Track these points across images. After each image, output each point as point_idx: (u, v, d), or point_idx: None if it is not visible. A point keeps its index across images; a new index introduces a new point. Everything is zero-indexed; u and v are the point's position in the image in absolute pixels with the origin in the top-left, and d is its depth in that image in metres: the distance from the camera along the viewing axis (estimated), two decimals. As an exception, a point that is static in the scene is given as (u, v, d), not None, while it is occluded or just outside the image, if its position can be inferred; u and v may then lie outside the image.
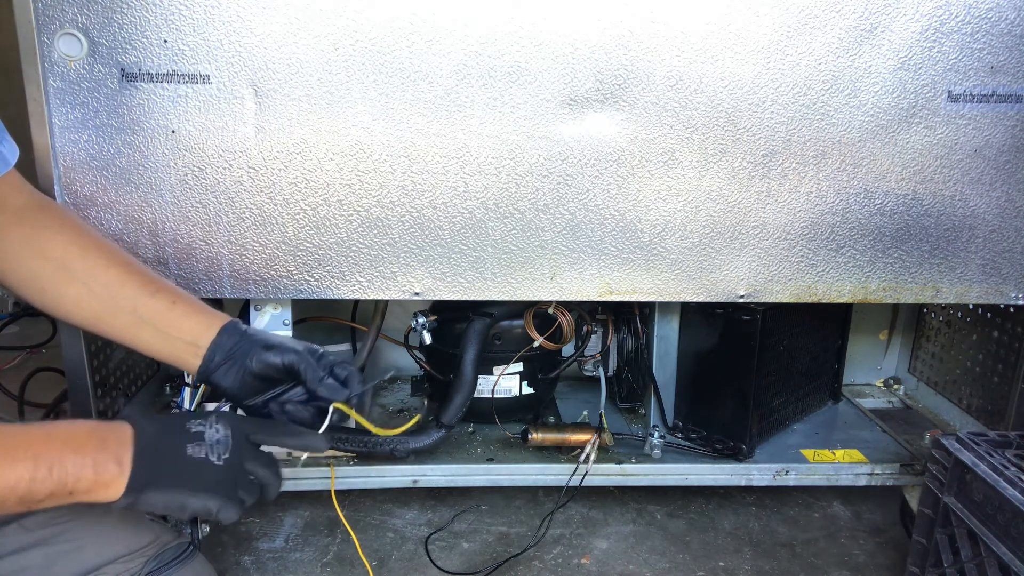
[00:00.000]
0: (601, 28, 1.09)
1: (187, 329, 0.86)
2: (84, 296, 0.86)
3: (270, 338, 0.88)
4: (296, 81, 1.08)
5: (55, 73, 1.05)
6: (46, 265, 0.86)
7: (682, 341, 1.48)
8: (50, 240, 0.86)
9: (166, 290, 0.88)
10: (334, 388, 0.85)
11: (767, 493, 1.63)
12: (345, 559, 1.39)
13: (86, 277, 0.86)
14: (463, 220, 1.16)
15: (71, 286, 0.86)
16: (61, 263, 0.86)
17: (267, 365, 0.85)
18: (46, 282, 0.86)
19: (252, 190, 1.12)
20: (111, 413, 1.36)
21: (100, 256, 0.88)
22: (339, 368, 0.88)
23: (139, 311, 0.86)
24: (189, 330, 0.86)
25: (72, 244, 0.87)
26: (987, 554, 1.05)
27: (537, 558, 1.40)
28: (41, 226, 0.87)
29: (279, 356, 0.85)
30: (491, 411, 1.48)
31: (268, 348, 0.85)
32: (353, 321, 1.60)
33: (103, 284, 0.86)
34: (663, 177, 1.17)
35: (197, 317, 0.87)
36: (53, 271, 0.86)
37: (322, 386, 0.84)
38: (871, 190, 1.19)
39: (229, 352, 0.85)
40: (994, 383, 1.49)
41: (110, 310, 0.87)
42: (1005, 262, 1.24)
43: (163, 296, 0.87)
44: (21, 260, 0.86)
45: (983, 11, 1.11)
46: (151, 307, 0.86)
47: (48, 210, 0.90)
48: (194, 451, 0.73)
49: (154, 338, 0.87)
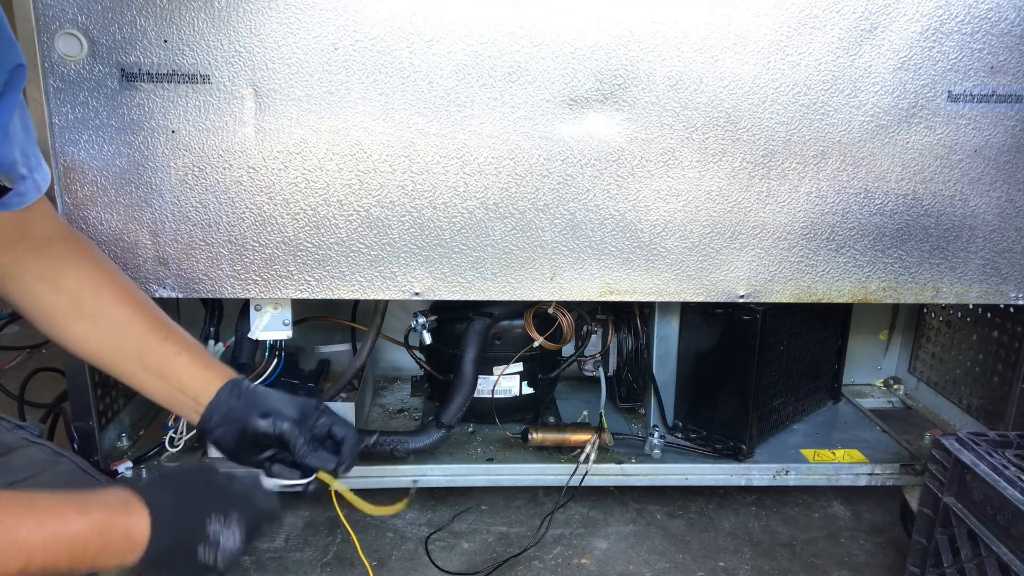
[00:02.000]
0: (601, 28, 1.09)
1: (189, 384, 0.87)
2: (92, 334, 0.87)
3: (267, 402, 0.88)
4: (296, 81, 1.08)
5: (55, 73, 1.05)
6: (58, 297, 0.86)
7: (682, 341, 1.48)
8: (65, 273, 0.87)
9: (174, 338, 0.89)
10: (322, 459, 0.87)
11: (767, 493, 1.63)
12: (345, 559, 1.39)
13: (96, 315, 0.87)
14: (463, 220, 1.16)
15: (80, 323, 0.86)
16: (73, 298, 0.86)
17: (259, 433, 0.86)
18: (56, 314, 0.86)
19: (252, 190, 1.12)
20: (111, 413, 1.36)
21: (113, 295, 0.88)
22: (338, 428, 0.89)
23: (145, 358, 0.87)
24: (191, 385, 0.87)
25: (87, 280, 0.87)
26: (987, 554, 1.05)
27: (537, 558, 1.40)
28: (59, 257, 0.87)
29: (271, 425, 0.85)
30: (491, 411, 1.48)
31: (263, 416, 0.86)
32: (353, 321, 1.60)
33: (112, 324, 0.87)
34: (663, 177, 1.17)
35: (200, 372, 0.88)
36: (65, 305, 0.86)
37: (311, 458, 0.86)
38: (871, 190, 1.19)
39: (226, 415, 0.86)
40: (994, 383, 1.49)
41: (115, 352, 0.87)
42: (1005, 262, 1.24)
43: (170, 345, 0.88)
44: (34, 290, 0.86)
45: (983, 11, 1.11)
46: (157, 355, 0.87)
47: (69, 240, 0.90)
48: (205, 555, 0.74)
49: (156, 386, 0.88)
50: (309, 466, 0.87)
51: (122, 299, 0.88)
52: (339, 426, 0.90)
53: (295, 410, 0.88)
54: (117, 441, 1.38)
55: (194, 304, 1.40)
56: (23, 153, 0.82)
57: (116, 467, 1.29)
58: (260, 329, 1.28)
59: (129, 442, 1.39)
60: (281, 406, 0.87)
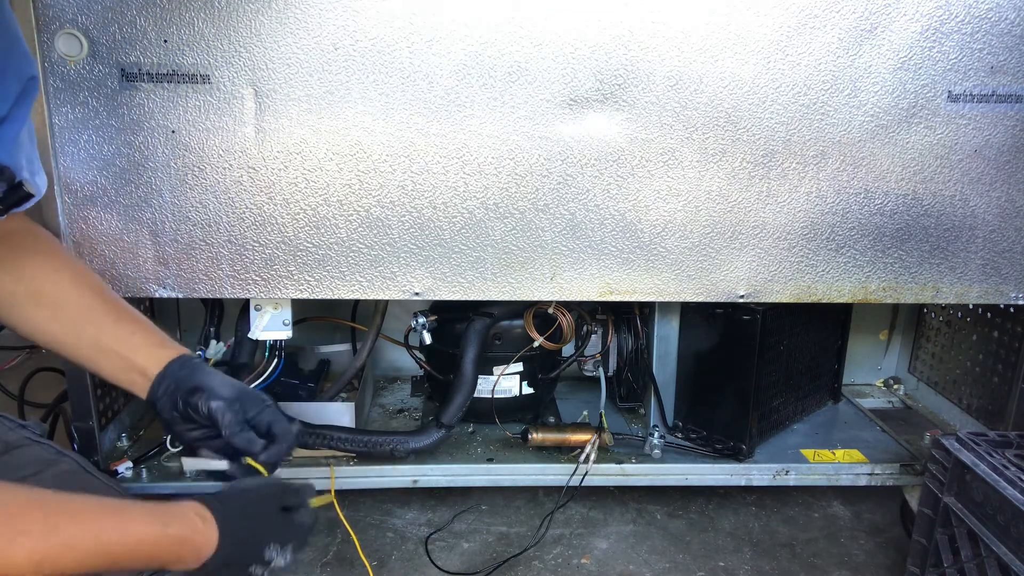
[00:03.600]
0: (601, 28, 1.09)
1: (142, 362, 0.90)
2: (50, 321, 0.89)
3: (206, 379, 0.90)
4: (296, 81, 1.08)
5: (55, 73, 1.05)
6: (19, 285, 0.89)
7: (682, 341, 1.48)
8: (26, 263, 0.89)
9: (128, 319, 0.92)
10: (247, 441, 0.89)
11: (767, 493, 1.63)
12: (345, 559, 1.39)
13: (55, 303, 0.89)
14: (463, 220, 1.16)
15: (39, 309, 0.89)
16: (32, 285, 0.89)
17: (191, 406, 0.88)
18: (16, 301, 0.89)
19: (252, 190, 1.12)
20: (111, 413, 1.36)
21: (69, 280, 0.91)
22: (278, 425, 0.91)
23: (101, 340, 0.89)
24: (144, 363, 0.89)
25: (46, 267, 0.90)
26: (987, 554, 1.05)
27: (537, 558, 1.40)
28: (21, 247, 0.90)
29: (204, 402, 0.88)
30: (491, 411, 1.48)
31: (198, 390, 0.88)
32: (353, 321, 1.60)
33: (70, 309, 0.90)
34: (663, 177, 1.17)
35: (153, 351, 0.91)
36: (24, 292, 0.89)
37: (237, 438, 0.88)
38: (871, 190, 1.19)
39: (167, 387, 0.89)
40: (994, 383, 1.49)
41: (74, 335, 0.90)
42: (1005, 262, 1.24)
43: (125, 325, 0.91)
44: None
45: (983, 11, 1.11)
46: (112, 336, 0.90)
47: (32, 234, 0.93)
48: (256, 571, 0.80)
49: (111, 365, 0.90)
50: (234, 446, 0.89)
51: (79, 284, 0.91)
52: (279, 424, 0.92)
53: (232, 392, 0.90)
54: (117, 441, 1.39)
55: (194, 304, 1.40)
56: (28, 159, 0.85)
57: (116, 467, 1.29)
58: (260, 329, 1.28)
59: (129, 442, 1.39)
60: (218, 386, 0.89)
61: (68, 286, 0.90)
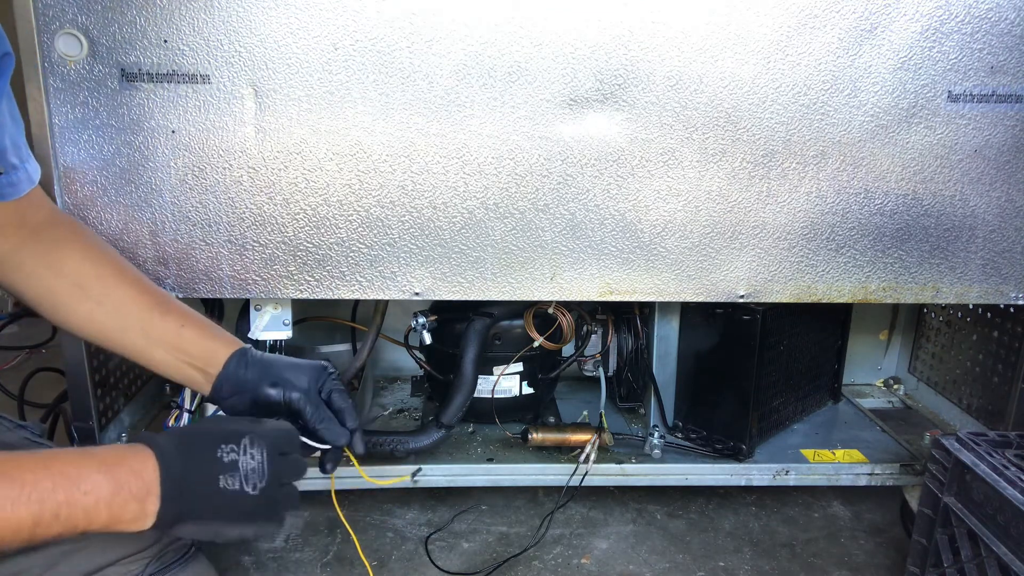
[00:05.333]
0: (601, 28, 1.09)
1: (197, 355, 0.88)
2: (95, 314, 0.87)
3: (276, 371, 0.88)
4: (296, 81, 1.08)
5: (55, 73, 1.05)
6: (60, 281, 0.87)
7: (682, 341, 1.48)
8: (65, 257, 0.87)
9: (175, 312, 0.89)
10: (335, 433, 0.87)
11: (767, 493, 1.63)
12: (345, 559, 1.39)
13: (98, 295, 0.87)
14: (463, 220, 1.16)
15: (83, 303, 0.87)
16: (75, 280, 0.87)
17: (271, 402, 0.86)
18: (59, 298, 0.87)
19: (252, 190, 1.12)
20: (111, 413, 1.36)
21: (113, 275, 0.89)
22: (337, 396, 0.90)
23: (150, 334, 0.87)
24: (199, 356, 0.88)
25: (86, 261, 0.88)
26: (987, 554, 1.05)
27: (537, 558, 1.40)
28: (57, 242, 0.88)
29: (282, 394, 0.86)
30: (491, 411, 1.48)
31: (273, 385, 0.87)
32: (353, 321, 1.60)
33: (114, 303, 0.87)
34: (663, 177, 1.17)
35: (206, 343, 0.88)
36: (67, 288, 0.87)
37: (322, 428, 0.87)
38: (871, 190, 1.19)
39: (236, 385, 0.87)
40: (994, 383, 1.49)
41: (120, 329, 0.88)
42: (1005, 262, 1.24)
43: (172, 318, 0.88)
44: (37, 275, 0.86)
45: (983, 11, 1.11)
46: (161, 329, 0.88)
47: (65, 226, 0.90)
48: (228, 483, 0.69)
49: (164, 360, 0.88)
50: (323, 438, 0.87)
51: (122, 278, 0.89)
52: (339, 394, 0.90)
53: (304, 378, 0.88)
54: (117, 441, 1.38)
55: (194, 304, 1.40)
56: (13, 143, 0.82)
57: (116, 467, 1.29)
58: (260, 329, 1.28)
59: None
60: (290, 375, 0.88)
61: (111, 279, 0.88)
